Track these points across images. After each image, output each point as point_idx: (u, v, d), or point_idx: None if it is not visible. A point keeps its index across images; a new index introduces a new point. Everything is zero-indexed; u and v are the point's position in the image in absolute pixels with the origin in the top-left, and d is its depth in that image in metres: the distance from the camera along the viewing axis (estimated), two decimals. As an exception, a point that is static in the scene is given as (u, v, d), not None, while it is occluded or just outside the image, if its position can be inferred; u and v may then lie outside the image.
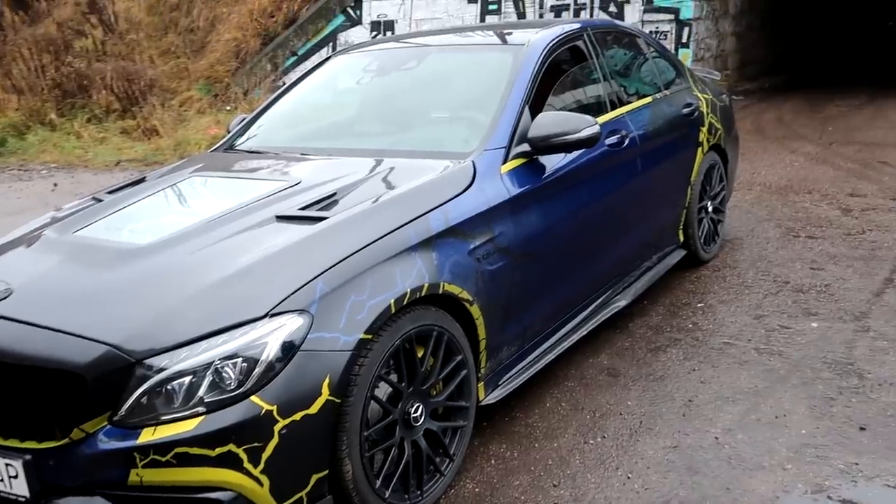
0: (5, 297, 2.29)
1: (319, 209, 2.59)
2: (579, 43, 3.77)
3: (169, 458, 2.00)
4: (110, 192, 3.19)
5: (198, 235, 2.49)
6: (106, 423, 2.07)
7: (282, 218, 2.55)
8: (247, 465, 2.03)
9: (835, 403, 3.01)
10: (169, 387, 2.05)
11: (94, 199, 3.16)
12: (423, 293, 2.43)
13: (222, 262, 2.32)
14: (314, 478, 2.16)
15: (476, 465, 2.77)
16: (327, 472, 2.19)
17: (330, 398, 2.14)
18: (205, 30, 13.27)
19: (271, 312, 2.12)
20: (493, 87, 3.26)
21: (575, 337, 3.34)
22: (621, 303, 3.71)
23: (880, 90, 11.90)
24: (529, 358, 3.10)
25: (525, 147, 3.04)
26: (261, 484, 2.05)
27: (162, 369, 2.05)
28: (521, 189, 2.97)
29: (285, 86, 4.00)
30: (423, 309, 2.47)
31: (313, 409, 2.11)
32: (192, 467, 2.01)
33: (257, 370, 2.06)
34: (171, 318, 2.13)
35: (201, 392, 2.05)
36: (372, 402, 2.29)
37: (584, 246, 3.39)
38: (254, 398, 2.04)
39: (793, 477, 2.58)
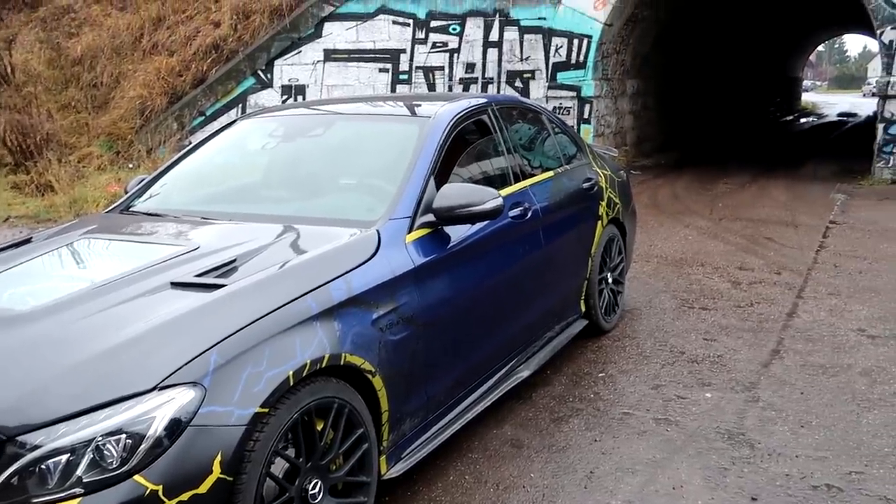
0: None
1: (217, 276, 2.51)
2: (484, 117, 3.87)
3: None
4: None
5: (85, 301, 2.36)
6: (-29, 506, 1.90)
7: (176, 285, 2.45)
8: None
9: (728, 474, 3.09)
10: (44, 465, 1.91)
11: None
12: (323, 364, 2.37)
13: (109, 331, 2.20)
14: (202, 561, 2.03)
15: (375, 543, 2.67)
16: (217, 554, 2.06)
17: (221, 476, 2.04)
18: (109, 86, 12.98)
19: (160, 385, 2.02)
20: (399, 156, 3.30)
21: (479, 408, 3.33)
22: (524, 373, 3.74)
23: (763, 170, 12.75)
24: (433, 429, 3.06)
25: (430, 217, 3.06)
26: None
27: (37, 447, 1.91)
28: (426, 259, 2.97)
29: (189, 147, 3.92)
30: (323, 380, 2.41)
31: (202, 489, 2.00)
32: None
33: (143, 447, 1.94)
34: (49, 390, 1.99)
35: (80, 471, 1.91)
36: (267, 479, 2.19)
37: (488, 315, 3.41)
38: (137, 477, 1.92)
39: (689, 549, 2.60)
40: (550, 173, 4.27)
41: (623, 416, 3.66)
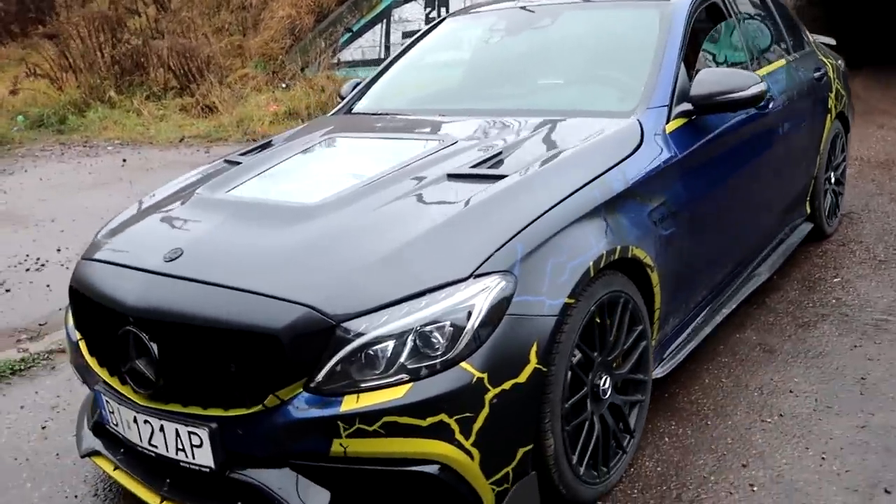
0: (176, 258, 2.15)
1: (489, 168, 2.42)
2: (717, 0, 3.55)
3: (376, 427, 1.85)
4: (243, 155, 3.05)
5: (367, 195, 2.32)
6: (301, 390, 1.92)
7: (454, 177, 2.38)
8: (458, 436, 1.87)
9: None
10: (370, 352, 1.90)
11: (227, 161, 3.02)
12: (615, 256, 2.26)
13: (408, 222, 2.15)
14: (520, 452, 2.00)
15: (650, 443, 2.59)
16: (532, 446, 2.03)
17: (537, 366, 1.98)
18: (258, 7, 13.13)
19: (475, 273, 1.95)
20: (643, 44, 3.06)
21: (727, 310, 3.16)
22: (764, 275, 3.52)
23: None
24: (688, 331, 2.92)
25: (686, 106, 2.84)
26: (471, 457, 1.89)
27: (361, 333, 1.89)
28: (686, 151, 2.77)
29: (400, 49, 3.82)
30: (611, 274, 2.29)
31: (522, 378, 1.95)
32: (401, 438, 1.86)
33: (465, 335, 1.89)
34: (368, 279, 1.97)
35: (403, 358, 1.89)
36: (568, 372, 2.13)
37: (737, 212, 3.20)
38: (464, 364, 1.88)
39: None
40: (783, 62, 3.91)
41: (877, 322, 3.38)
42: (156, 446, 2.12)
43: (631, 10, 3.37)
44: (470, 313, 1.91)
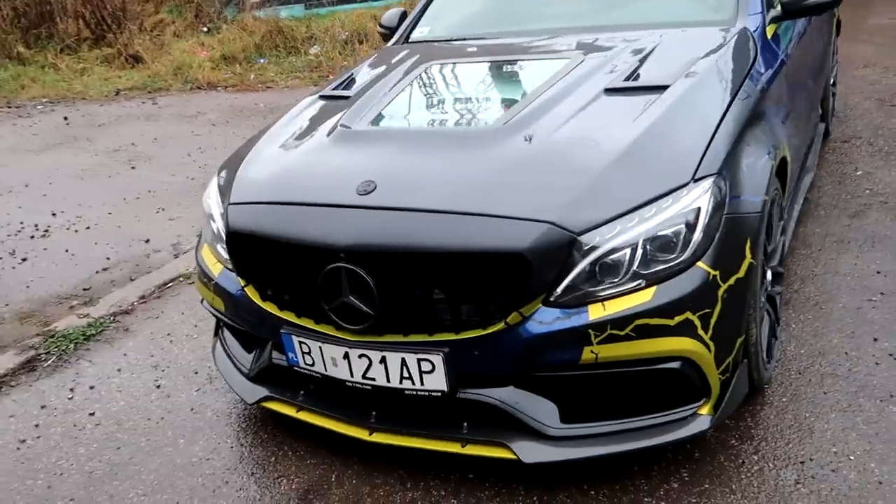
0: (371, 190, 2.11)
1: (641, 81, 2.47)
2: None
3: (628, 331, 1.92)
4: (336, 91, 2.96)
5: (542, 115, 2.30)
6: (540, 305, 1.97)
7: (612, 90, 2.42)
8: (700, 331, 1.97)
9: None
10: (607, 261, 1.95)
11: (325, 98, 2.94)
12: (785, 154, 2.39)
13: (602, 136, 2.19)
14: (738, 342, 2.12)
15: (783, 331, 2.79)
16: (744, 336, 2.16)
17: (751, 261, 2.09)
18: (163, -54, 12.30)
19: (695, 177, 2.04)
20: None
21: (798, 205, 3.38)
22: (812, 170, 3.78)
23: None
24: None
25: (777, 11, 2.98)
26: (709, 350, 2.00)
27: (595, 247, 1.95)
28: (786, 52, 2.94)
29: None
30: (776, 176, 2.43)
31: (741, 273, 2.06)
32: (651, 338, 1.94)
33: (696, 236, 1.98)
34: (595, 193, 2.01)
35: (636, 265, 1.96)
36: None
37: (808, 106, 3.49)
38: (700, 264, 1.97)
39: None
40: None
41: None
42: (373, 379, 2.11)
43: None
44: (698, 215, 1.99)
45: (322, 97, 2.96)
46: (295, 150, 2.52)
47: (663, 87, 2.37)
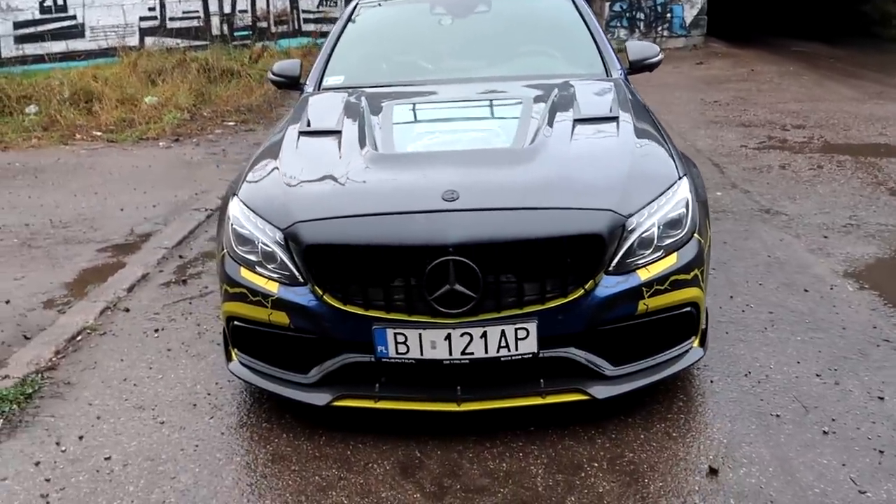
0: (456, 198, 2.55)
1: (591, 112, 3.22)
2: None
3: (666, 285, 2.60)
4: (321, 127, 3.30)
5: (548, 140, 2.92)
6: (602, 274, 2.58)
7: (581, 121, 3.08)
8: (702, 282, 2.74)
9: None
10: (642, 238, 2.64)
11: (308, 133, 3.23)
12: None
13: (608, 151, 2.95)
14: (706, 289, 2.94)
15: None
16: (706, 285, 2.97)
17: (710, 231, 2.93)
18: None
19: (680, 176, 2.83)
20: (572, 24, 4.12)
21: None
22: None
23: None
24: None
25: (626, 68, 4.01)
26: (704, 294, 2.79)
27: (635, 228, 2.61)
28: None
29: (340, 27, 4.19)
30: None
31: (708, 240, 2.89)
32: (679, 290, 2.64)
33: (689, 216, 2.76)
34: (627, 190, 2.67)
35: (657, 240, 2.67)
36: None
37: None
38: (696, 235, 2.75)
39: None
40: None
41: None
42: (471, 353, 2.52)
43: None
44: (688, 202, 2.78)
45: (306, 133, 3.24)
46: (338, 173, 2.82)
47: (614, 118, 3.16)
